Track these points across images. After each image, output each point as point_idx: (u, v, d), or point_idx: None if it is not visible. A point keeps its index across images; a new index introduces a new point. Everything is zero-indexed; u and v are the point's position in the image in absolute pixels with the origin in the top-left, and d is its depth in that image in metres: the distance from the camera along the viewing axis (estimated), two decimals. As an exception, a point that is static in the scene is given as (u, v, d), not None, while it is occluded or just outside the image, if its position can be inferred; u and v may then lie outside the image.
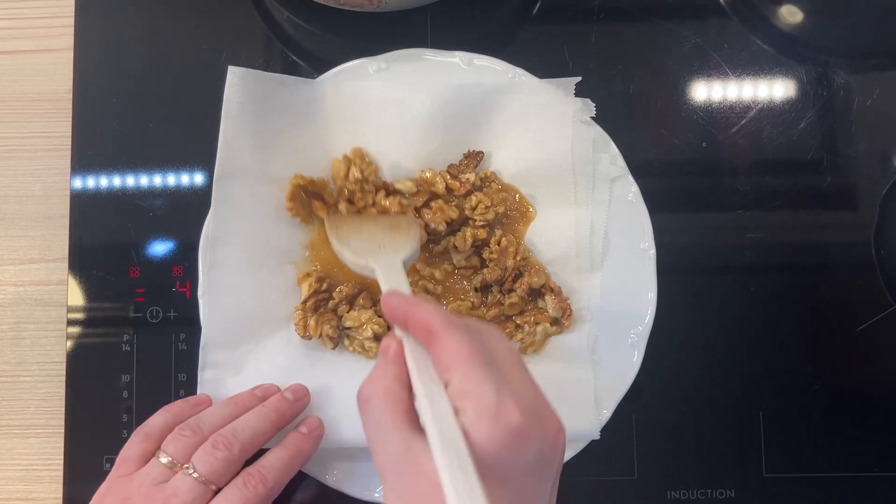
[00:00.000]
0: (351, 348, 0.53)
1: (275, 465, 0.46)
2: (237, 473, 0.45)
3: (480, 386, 0.33)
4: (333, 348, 0.52)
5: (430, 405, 0.34)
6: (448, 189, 0.54)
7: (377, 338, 0.52)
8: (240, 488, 0.44)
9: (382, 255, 0.48)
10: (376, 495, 0.51)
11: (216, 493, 0.44)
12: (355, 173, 0.52)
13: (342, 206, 0.53)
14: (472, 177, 0.54)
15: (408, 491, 0.34)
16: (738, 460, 0.54)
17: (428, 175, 0.54)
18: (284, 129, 0.54)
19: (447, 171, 0.55)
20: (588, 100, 0.54)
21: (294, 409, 0.49)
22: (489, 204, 0.54)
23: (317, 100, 0.54)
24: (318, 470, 0.51)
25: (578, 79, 0.54)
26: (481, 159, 0.55)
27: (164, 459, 0.44)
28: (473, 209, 0.54)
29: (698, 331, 0.56)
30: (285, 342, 0.53)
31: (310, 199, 0.53)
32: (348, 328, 0.53)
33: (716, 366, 0.55)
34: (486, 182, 0.55)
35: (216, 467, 0.44)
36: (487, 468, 0.32)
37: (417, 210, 0.54)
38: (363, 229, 0.51)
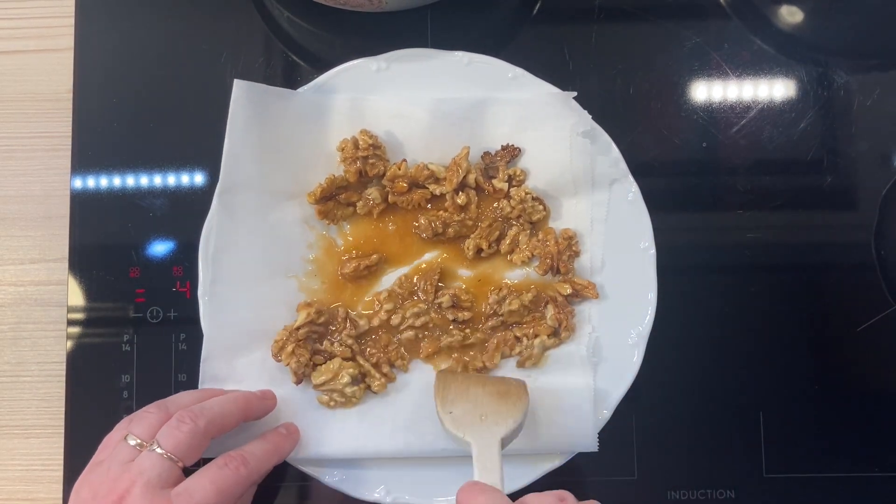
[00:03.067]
0: (332, 403, 0.51)
1: (255, 452, 0.46)
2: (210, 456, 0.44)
3: None
4: (296, 384, 0.51)
5: None
6: (478, 186, 0.55)
7: (355, 381, 0.51)
8: (220, 468, 0.43)
9: (482, 430, 0.46)
10: (376, 495, 0.51)
11: (184, 470, 0.43)
12: (366, 139, 0.53)
13: (371, 191, 0.54)
14: (503, 182, 0.54)
15: None
16: (738, 460, 0.54)
17: (463, 165, 0.54)
18: (289, 142, 0.54)
19: (481, 160, 0.55)
20: (585, 112, 0.54)
21: (262, 405, 0.49)
22: (512, 208, 0.54)
23: (320, 113, 0.55)
24: (318, 470, 0.51)
25: (574, 93, 0.54)
26: (516, 155, 0.55)
27: (131, 441, 0.44)
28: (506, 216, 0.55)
29: (698, 331, 0.56)
30: None
31: (333, 196, 0.54)
32: (320, 385, 0.51)
33: (716, 366, 0.55)
34: (514, 180, 0.55)
35: (181, 441, 0.43)
36: None
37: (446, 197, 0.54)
38: (470, 392, 0.48)
